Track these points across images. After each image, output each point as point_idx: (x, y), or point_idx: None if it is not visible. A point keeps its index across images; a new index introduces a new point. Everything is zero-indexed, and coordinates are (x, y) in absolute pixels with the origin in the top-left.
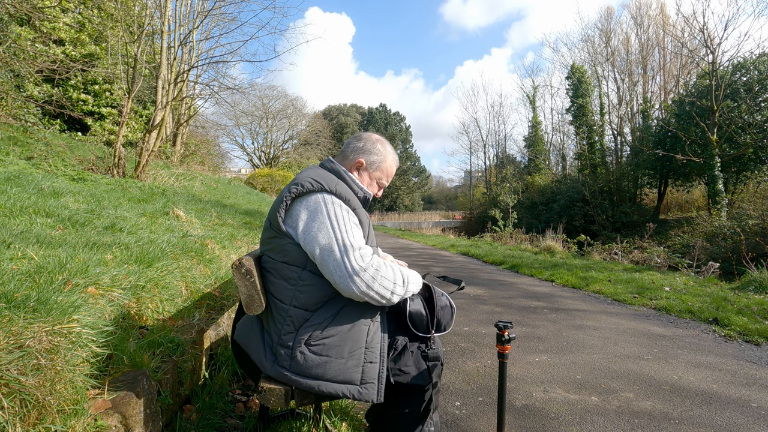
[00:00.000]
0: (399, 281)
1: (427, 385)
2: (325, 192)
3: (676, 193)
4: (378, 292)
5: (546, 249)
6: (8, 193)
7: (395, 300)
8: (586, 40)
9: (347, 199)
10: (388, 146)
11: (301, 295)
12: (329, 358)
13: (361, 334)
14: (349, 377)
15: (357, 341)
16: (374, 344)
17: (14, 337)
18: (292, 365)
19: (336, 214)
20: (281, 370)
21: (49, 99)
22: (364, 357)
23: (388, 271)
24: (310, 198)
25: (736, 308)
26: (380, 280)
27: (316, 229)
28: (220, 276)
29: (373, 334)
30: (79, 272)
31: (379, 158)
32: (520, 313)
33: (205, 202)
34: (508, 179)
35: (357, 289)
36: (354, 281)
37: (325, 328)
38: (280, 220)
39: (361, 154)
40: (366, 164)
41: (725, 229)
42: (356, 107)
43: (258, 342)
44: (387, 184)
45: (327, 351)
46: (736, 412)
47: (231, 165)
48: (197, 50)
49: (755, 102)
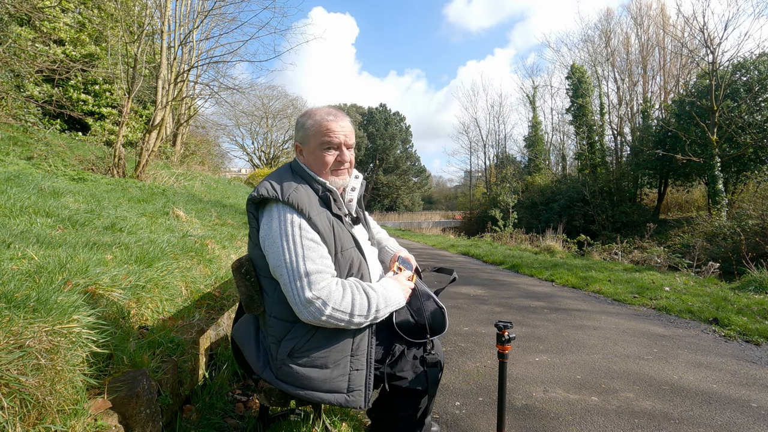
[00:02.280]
0: (358, 311)
1: (424, 390)
2: (280, 203)
3: (676, 193)
4: (331, 322)
5: (546, 249)
6: (8, 193)
7: (362, 324)
8: (586, 41)
9: (301, 209)
10: (314, 109)
11: (277, 306)
12: (314, 369)
13: (346, 343)
14: (335, 387)
15: (342, 350)
16: (360, 351)
17: (14, 337)
18: (279, 375)
19: (286, 233)
20: (271, 374)
21: (49, 99)
22: (350, 365)
23: (343, 302)
24: (266, 209)
25: (736, 308)
26: (331, 312)
27: (269, 246)
28: (220, 276)
29: (360, 340)
30: (79, 272)
31: (305, 125)
32: (520, 313)
33: (205, 202)
34: (508, 179)
35: (308, 318)
36: (302, 313)
37: (308, 339)
38: (254, 229)
39: (296, 139)
40: (301, 144)
41: (725, 229)
42: (356, 107)
43: (252, 342)
44: (338, 141)
45: (312, 363)
46: (736, 412)
47: (231, 165)
48: (197, 50)
49: (755, 102)
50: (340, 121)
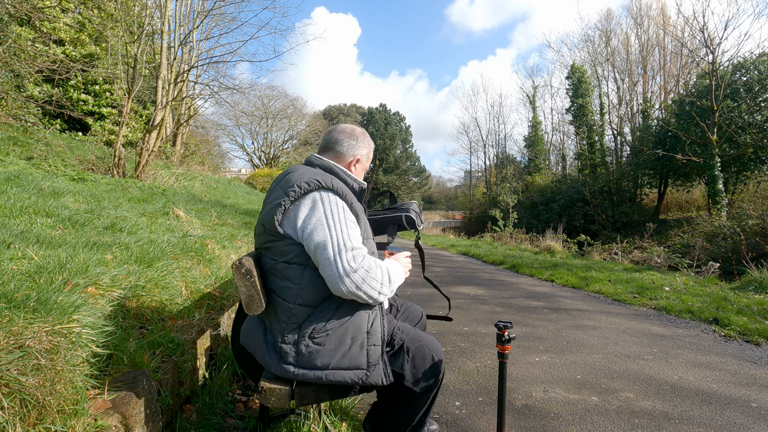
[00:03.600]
0: (386, 282)
1: (423, 391)
2: (322, 189)
3: (676, 193)
4: (366, 292)
5: (546, 249)
6: (8, 193)
7: (381, 300)
8: (587, 41)
9: (343, 195)
10: (368, 135)
11: (304, 293)
12: (333, 346)
13: (363, 321)
14: (354, 362)
15: (359, 328)
16: (375, 329)
17: (14, 337)
18: (297, 359)
19: (332, 212)
20: (287, 367)
21: (49, 99)
22: (368, 341)
23: (377, 273)
24: (307, 197)
25: (736, 308)
26: (369, 281)
27: (313, 226)
28: (220, 276)
29: (374, 318)
30: (79, 272)
31: (368, 150)
32: (520, 313)
33: (205, 202)
34: (508, 179)
35: (345, 289)
36: (344, 281)
37: (328, 320)
38: (277, 224)
39: (356, 150)
40: (362, 159)
41: (725, 229)
42: (356, 107)
43: (261, 342)
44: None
45: (330, 340)
46: (736, 412)
47: (231, 165)
48: (197, 50)
49: (755, 102)
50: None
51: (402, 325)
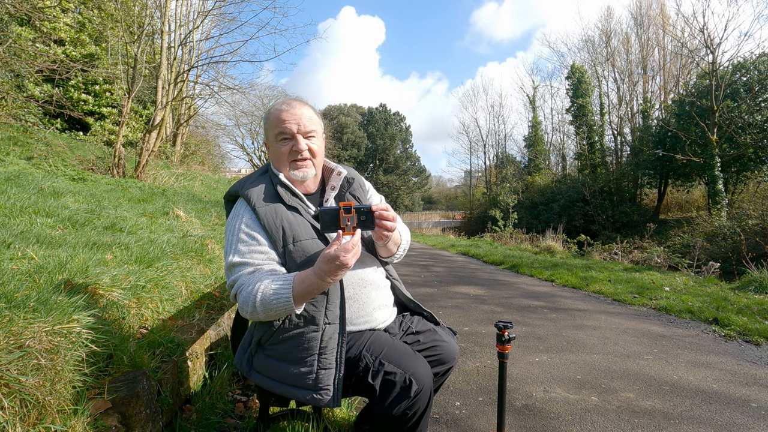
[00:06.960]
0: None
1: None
2: (227, 201)
3: (676, 193)
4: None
5: (546, 249)
6: (8, 193)
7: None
8: (587, 41)
9: (249, 199)
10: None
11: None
12: (282, 363)
13: (313, 340)
14: (302, 382)
15: (308, 349)
16: (329, 350)
17: (14, 337)
18: (255, 365)
19: (232, 226)
20: (249, 370)
21: (49, 99)
22: (318, 364)
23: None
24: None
25: (736, 308)
26: (239, 301)
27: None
28: (220, 276)
29: (328, 339)
30: (79, 272)
31: (266, 122)
32: (520, 312)
33: (205, 202)
34: (508, 179)
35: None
36: (230, 296)
37: (272, 333)
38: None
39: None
40: (269, 144)
41: (725, 229)
42: (356, 107)
43: (242, 342)
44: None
45: (279, 356)
46: (736, 411)
47: (231, 165)
48: (197, 50)
49: (755, 102)
50: (294, 108)
51: (377, 344)
